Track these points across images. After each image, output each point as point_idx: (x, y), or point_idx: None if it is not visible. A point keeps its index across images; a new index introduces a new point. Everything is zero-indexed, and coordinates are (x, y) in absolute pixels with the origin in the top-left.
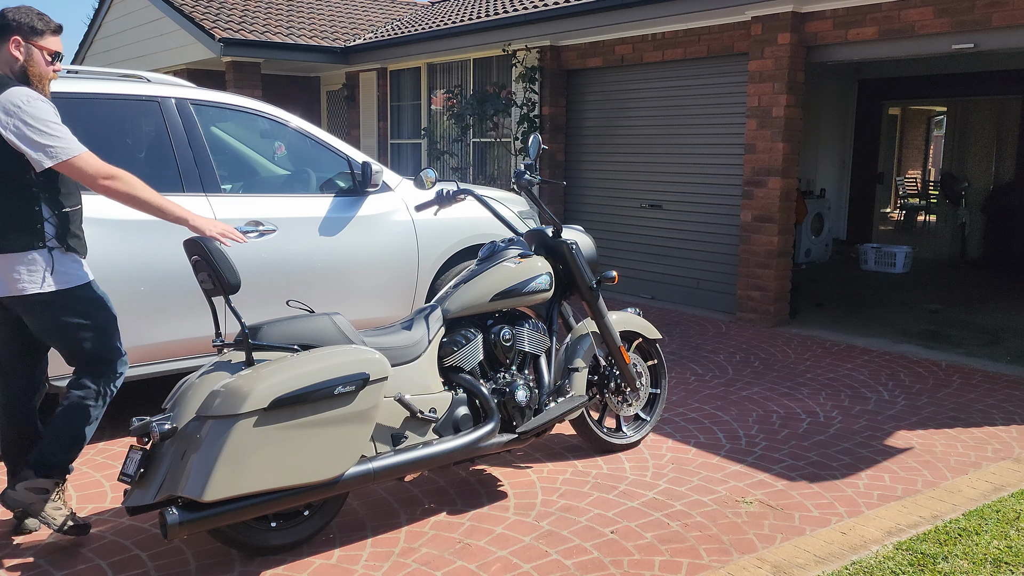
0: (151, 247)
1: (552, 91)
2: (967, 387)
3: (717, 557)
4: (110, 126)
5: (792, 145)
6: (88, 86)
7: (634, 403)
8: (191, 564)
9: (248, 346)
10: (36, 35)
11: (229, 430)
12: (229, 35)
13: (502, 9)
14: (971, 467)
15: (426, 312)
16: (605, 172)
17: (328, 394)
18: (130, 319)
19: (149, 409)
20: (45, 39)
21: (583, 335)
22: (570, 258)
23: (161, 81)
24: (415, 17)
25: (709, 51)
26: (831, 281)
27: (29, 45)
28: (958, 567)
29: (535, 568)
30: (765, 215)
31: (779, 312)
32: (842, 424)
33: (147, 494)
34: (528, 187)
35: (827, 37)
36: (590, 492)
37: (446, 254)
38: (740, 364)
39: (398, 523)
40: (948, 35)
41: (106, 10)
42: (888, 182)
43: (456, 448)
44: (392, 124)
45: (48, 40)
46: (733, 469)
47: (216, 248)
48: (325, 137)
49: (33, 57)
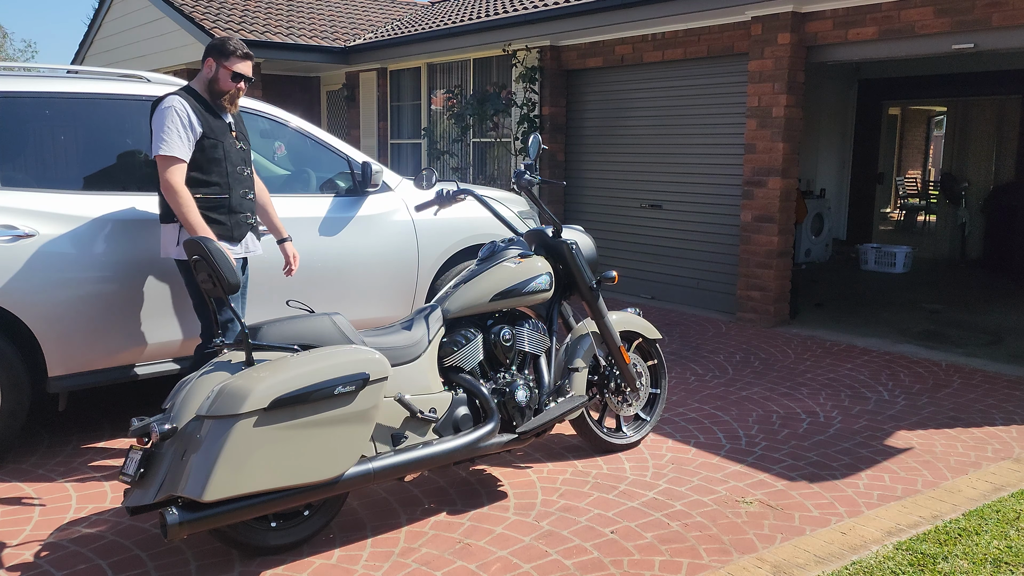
0: (151, 247)
1: (552, 91)
2: (967, 387)
3: (717, 557)
4: (110, 126)
5: (792, 145)
6: (88, 86)
7: (634, 403)
8: (191, 564)
9: (248, 346)
10: (225, 57)
11: (229, 430)
12: (229, 35)
13: (502, 9)
14: (971, 467)
15: (426, 312)
16: (605, 172)
17: (328, 394)
18: (130, 319)
19: (149, 409)
20: (231, 61)
21: (583, 335)
22: (570, 258)
23: (161, 81)
24: (415, 17)
25: (709, 51)
26: (831, 281)
27: (220, 64)
28: (958, 567)
29: (535, 568)
30: (765, 215)
31: (779, 312)
32: (842, 424)
33: (147, 494)
34: (528, 187)
35: (827, 37)
36: (590, 492)
37: (446, 254)
38: (740, 364)
39: (398, 523)
40: (948, 35)
41: (106, 10)
42: (888, 182)
43: (456, 448)
44: (392, 124)
45: (234, 62)
46: (733, 469)
47: (216, 248)
48: (325, 137)
49: (219, 74)
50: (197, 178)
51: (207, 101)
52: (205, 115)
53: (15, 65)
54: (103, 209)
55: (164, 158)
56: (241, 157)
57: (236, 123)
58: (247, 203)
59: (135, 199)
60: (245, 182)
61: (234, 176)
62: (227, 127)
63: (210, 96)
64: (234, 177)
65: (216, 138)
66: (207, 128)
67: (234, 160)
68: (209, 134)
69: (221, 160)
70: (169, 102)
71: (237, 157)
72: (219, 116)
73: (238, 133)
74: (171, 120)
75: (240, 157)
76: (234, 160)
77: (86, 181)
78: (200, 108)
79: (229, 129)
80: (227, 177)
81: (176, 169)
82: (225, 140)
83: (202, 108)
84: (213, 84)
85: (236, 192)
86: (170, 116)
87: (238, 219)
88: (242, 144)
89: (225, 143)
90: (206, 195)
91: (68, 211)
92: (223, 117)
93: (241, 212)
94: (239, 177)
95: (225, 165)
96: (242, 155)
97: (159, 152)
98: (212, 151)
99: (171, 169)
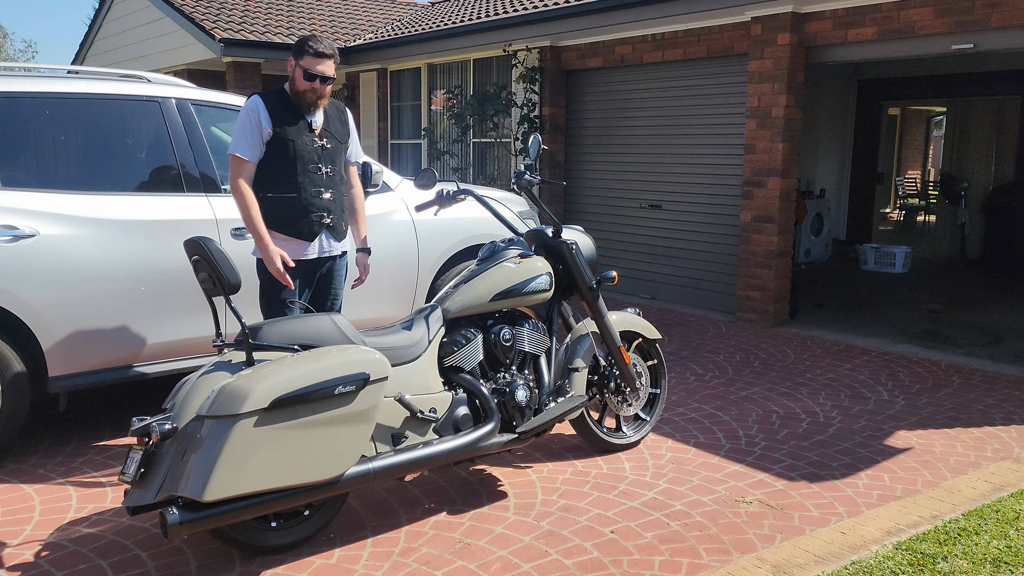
0: (152, 247)
1: (552, 91)
2: (967, 387)
3: (717, 557)
4: (110, 126)
5: (792, 145)
6: (88, 86)
7: (634, 403)
8: (191, 564)
9: (248, 346)
10: (299, 55)
11: (229, 430)
12: (229, 35)
13: (502, 9)
14: (971, 467)
15: (426, 312)
16: (605, 172)
17: (328, 394)
18: (130, 319)
19: (149, 409)
20: (304, 60)
21: (583, 335)
22: (570, 258)
23: (161, 81)
24: (415, 17)
25: (709, 51)
26: (831, 281)
27: (296, 63)
28: (958, 567)
29: (535, 568)
30: (765, 215)
31: (779, 312)
32: (842, 424)
33: (147, 494)
34: (528, 187)
35: (827, 37)
36: (590, 492)
37: (446, 254)
38: (740, 364)
39: (398, 523)
40: (948, 35)
41: (106, 10)
42: (888, 182)
43: (456, 448)
44: (392, 124)
45: (307, 61)
46: (733, 469)
47: (216, 248)
48: None
49: (295, 73)
50: (267, 177)
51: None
52: (282, 113)
53: (15, 65)
54: (104, 209)
55: (231, 157)
56: (319, 155)
57: (327, 120)
58: (321, 202)
59: (136, 199)
60: (319, 181)
61: (305, 175)
62: (306, 126)
63: (292, 95)
64: (306, 176)
65: (288, 137)
66: (279, 127)
67: (307, 159)
68: (281, 133)
69: (291, 159)
70: (247, 104)
71: (312, 156)
72: (300, 115)
73: (324, 131)
74: (241, 119)
75: (317, 155)
76: (307, 159)
77: (87, 181)
78: (279, 106)
79: (309, 128)
80: (296, 176)
81: (240, 168)
82: (298, 139)
83: (281, 106)
84: (292, 83)
85: (308, 191)
86: (242, 115)
87: (310, 218)
88: (326, 142)
89: (298, 142)
90: (276, 194)
91: (69, 211)
92: (306, 116)
93: (314, 211)
94: (312, 176)
95: (295, 164)
96: (321, 154)
97: (229, 151)
98: (282, 150)
99: (235, 168)
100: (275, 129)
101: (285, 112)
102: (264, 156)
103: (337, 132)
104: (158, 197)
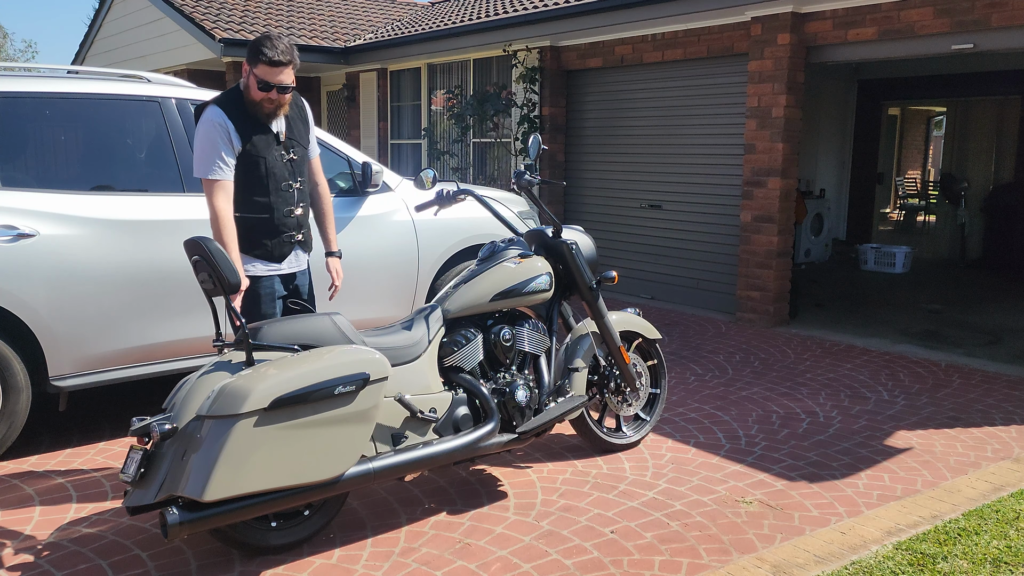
0: (152, 247)
1: (552, 91)
2: (967, 387)
3: (717, 557)
4: (110, 126)
5: (792, 145)
6: (88, 86)
7: (634, 403)
8: (191, 564)
9: (248, 346)
10: (253, 62)
11: (229, 430)
12: (229, 35)
13: (502, 9)
14: (971, 467)
15: (426, 312)
16: (605, 172)
17: (328, 394)
18: (130, 319)
19: (149, 409)
20: (259, 68)
21: (583, 335)
22: (570, 258)
23: (161, 81)
24: (415, 17)
25: (709, 51)
26: (831, 281)
27: (251, 70)
28: (958, 567)
29: (535, 568)
30: (765, 215)
31: (779, 312)
32: (842, 424)
33: (147, 494)
34: (528, 187)
35: (827, 37)
36: (590, 492)
37: (446, 254)
38: (740, 364)
39: (398, 523)
40: (948, 35)
41: (106, 10)
42: (888, 182)
43: (456, 448)
44: (392, 124)
45: (261, 70)
46: (733, 469)
47: (216, 248)
48: (325, 137)
49: (249, 80)
50: (236, 197)
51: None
52: (248, 126)
53: (16, 65)
54: (104, 209)
55: (205, 182)
56: (289, 171)
57: (290, 127)
58: (292, 220)
59: (136, 199)
60: (291, 199)
61: (277, 194)
62: (273, 138)
63: (248, 104)
64: (278, 195)
65: (258, 154)
66: (248, 143)
67: (279, 176)
68: (251, 149)
69: (263, 178)
70: (207, 115)
71: (283, 172)
72: (264, 126)
73: (289, 139)
74: (207, 135)
75: (288, 172)
76: (279, 176)
77: (87, 181)
78: (243, 118)
79: (276, 140)
80: (269, 195)
81: (216, 191)
82: (268, 155)
83: (244, 118)
84: (246, 91)
85: (280, 211)
86: (206, 130)
87: (281, 239)
88: (293, 153)
89: (268, 159)
90: (245, 214)
91: (69, 211)
92: (270, 126)
93: (285, 231)
94: (284, 195)
95: (268, 183)
96: (290, 168)
97: (198, 175)
98: (254, 169)
99: (210, 192)
100: (245, 146)
101: (250, 125)
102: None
103: (300, 136)
104: (158, 197)
